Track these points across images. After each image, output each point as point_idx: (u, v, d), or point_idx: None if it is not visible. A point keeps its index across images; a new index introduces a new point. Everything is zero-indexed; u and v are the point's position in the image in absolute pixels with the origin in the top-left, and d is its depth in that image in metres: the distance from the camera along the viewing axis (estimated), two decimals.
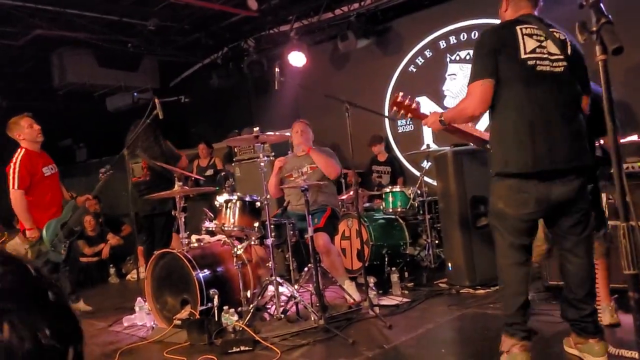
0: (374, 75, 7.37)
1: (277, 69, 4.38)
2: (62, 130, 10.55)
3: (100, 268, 7.17)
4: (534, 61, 2.49)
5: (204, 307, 3.87)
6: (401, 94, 2.88)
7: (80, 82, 8.00)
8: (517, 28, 2.53)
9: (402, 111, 2.88)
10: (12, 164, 4.76)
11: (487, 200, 3.18)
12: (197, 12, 7.35)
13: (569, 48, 2.55)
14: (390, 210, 5.41)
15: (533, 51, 2.49)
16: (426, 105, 6.94)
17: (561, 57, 2.53)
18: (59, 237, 4.86)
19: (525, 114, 2.51)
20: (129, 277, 7.14)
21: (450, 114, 2.75)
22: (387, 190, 5.46)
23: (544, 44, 2.52)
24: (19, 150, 4.85)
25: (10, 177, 4.70)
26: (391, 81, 7.28)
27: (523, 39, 2.50)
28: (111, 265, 7.19)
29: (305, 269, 4.32)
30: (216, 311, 3.84)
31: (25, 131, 4.79)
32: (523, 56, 2.49)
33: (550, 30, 2.55)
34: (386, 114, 6.80)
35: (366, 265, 4.44)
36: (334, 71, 7.80)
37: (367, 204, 6.03)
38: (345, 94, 5.67)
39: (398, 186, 5.53)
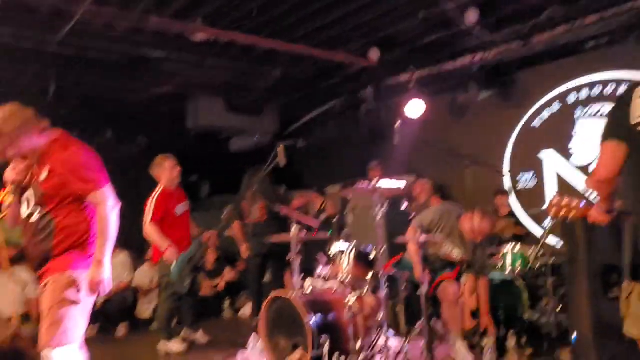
0: (495, 129, 7.17)
1: (397, 124, 4.45)
2: (190, 167, 11.40)
3: (216, 301, 7.53)
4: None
5: (314, 354, 3.91)
6: (557, 195, 2.62)
7: (210, 125, 8.67)
8: (637, 89, 2.31)
9: (562, 212, 2.63)
10: (150, 200, 5.25)
11: (620, 269, 2.94)
12: (320, 62, 7.72)
13: None
14: (509, 269, 5.17)
15: None
16: (551, 161, 6.63)
17: None
18: (185, 271, 5.22)
19: (633, 186, 2.31)
20: (241, 312, 7.41)
21: (592, 187, 2.55)
22: (506, 250, 5.24)
23: None
24: (157, 187, 5.35)
25: (146, 212, 5.19)
26: (513, 135, 7.04)
27: (635, 102, 2.28)
28: (226, 299, 7.53)
29: (418, 324, 4.24)
30: (326, 358, 3.87)
31: (166, 173, 5.31)
32: (632, 122, 2.27)
33: None
34: (505, 172, 6.58)
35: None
36: (453, 123, 7.69)
37: None
38: (464, 147, 5.60)
39: (518, 245, 5.28)
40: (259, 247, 5.73)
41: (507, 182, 7.01)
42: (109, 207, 2.74)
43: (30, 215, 2.76)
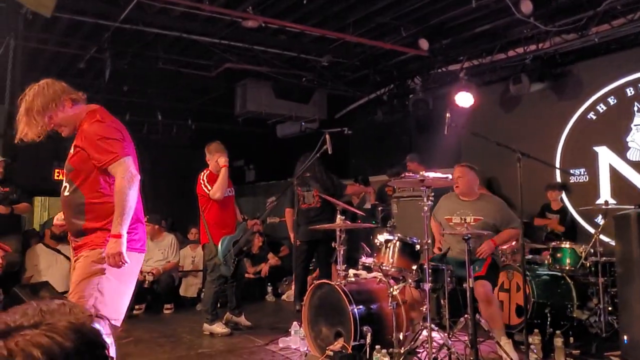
0: (547, 121, 6.95)
1: (448, 114, 4.37)
2: (236, 152, 11.59)
3: (260, 286, 7.67)
4: None
5: (356, 343, 3.93)
6: None
7: (258, 111, 8.78)
8: None
9: None
10: (200, 182, 5.40)
11: None
12: (368, 50, 7.67)
13: None
14: (557, 267, 5.03)
15: None
16: (605, 156, 6.40)
17: None
18: (230, 253, 5.34)
19: None
20: (284, 297, 7.54)
21: None
22: (555, 246, 5.10)
23: None
24: (204, 171, 5.49)
25: (206, 190, 5.31)
26: (565, 128, 6.81)
27: None
28: (269, 284, 7.66)
29: (462, 319, 4.20)
30: (368, 349, 3.88)
31: (212, 163, 5.44)
32: None
33: None
34: (558, 164, 6.40)
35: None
36: (503, 114, 7.53)
37: (529, 256, 5.68)
38: (514, 139, 5.46)
39: (568, 242, 5.13)
40: (308, 233, 5.75)
41: (559, 177, 6.82)
42: (126, 178, 2.59)
43: (64, 189, 2.74)
